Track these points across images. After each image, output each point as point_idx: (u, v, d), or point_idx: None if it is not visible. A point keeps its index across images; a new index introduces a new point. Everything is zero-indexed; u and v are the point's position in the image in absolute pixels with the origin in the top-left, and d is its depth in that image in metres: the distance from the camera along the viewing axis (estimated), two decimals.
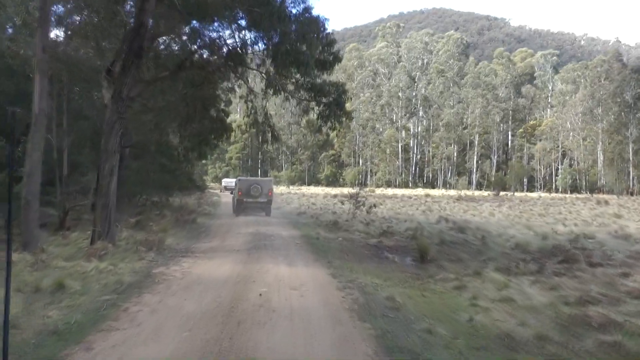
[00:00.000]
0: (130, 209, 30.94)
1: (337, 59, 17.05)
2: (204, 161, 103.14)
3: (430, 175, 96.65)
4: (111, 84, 14.08)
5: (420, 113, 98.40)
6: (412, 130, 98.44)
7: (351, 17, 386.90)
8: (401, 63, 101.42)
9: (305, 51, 15.04)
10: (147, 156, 30.84)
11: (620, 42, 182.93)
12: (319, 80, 16.13)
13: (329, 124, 16.39)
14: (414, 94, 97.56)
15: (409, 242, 16.03)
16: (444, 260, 12.73)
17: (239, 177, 34.19)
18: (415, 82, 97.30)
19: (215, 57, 15.72)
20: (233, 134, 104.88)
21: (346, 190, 35.27)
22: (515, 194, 65.85)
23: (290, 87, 16.62)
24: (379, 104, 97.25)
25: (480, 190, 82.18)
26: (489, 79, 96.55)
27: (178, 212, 29.71)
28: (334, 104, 15.87)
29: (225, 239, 16.57)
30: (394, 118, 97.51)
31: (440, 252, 13.63)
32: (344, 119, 17.15)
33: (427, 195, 51.14)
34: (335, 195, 47.11)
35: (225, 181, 71.95)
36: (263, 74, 16.34)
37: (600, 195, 57.53)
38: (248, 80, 19.00)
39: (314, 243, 15.44)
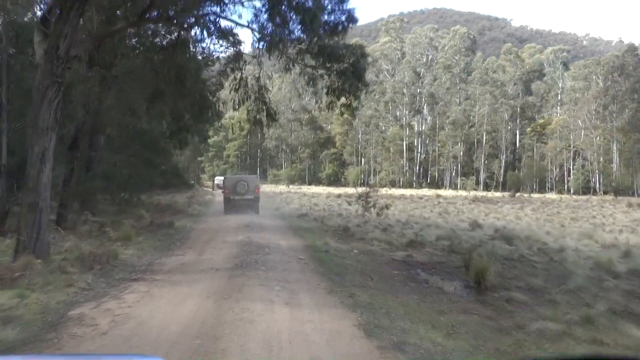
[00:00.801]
0: (102, 208, 27.25)
1: (352, 19, 12.98)
2: (200, 158, 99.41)
3: (437, 175, 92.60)
4: (45, 36, 10.17)
5: (426, 110, 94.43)
6: (416, 128, 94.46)
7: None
8: (405, 59, 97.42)
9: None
10: (127, 148, 27.07)
11: (623, 42, 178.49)
12: (330, 42, 11.97)
13: (342, 99, 12.34)
14: (418, 90, 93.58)
15: (447, 257, 12.13)
16: (510, 287, 8.81)
17: (225, 175, 34.14)
18: (420, 77, 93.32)
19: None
20: (231, 130, 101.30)
21: (350, 190, 31.73)
22: (531, 195, 61.85)
23: (293, 52, 12.58)
24: (383, 100, 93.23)
25: (489, 190, 78.29)
26: (497, 76, 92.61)
27: (161, 212, 25.87)
28: (350, 72, 11.81)
29: (205, 250, 12.54)
30: (399, 115, 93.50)
31: (500, 275, 9.69)
32: (363, 92, 13.06)
33: (438, 196, 47.20)
34: (339, 195, 43.19)
35: (218, 179, 68.62)
36: (255, 32, 12.33)
37: (624, 197, 53.56)
38: (237, 40, 14.89)
39: (322, 259, 11.36)
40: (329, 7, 12.12)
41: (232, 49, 14.58)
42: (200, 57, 16.37)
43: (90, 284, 8.30)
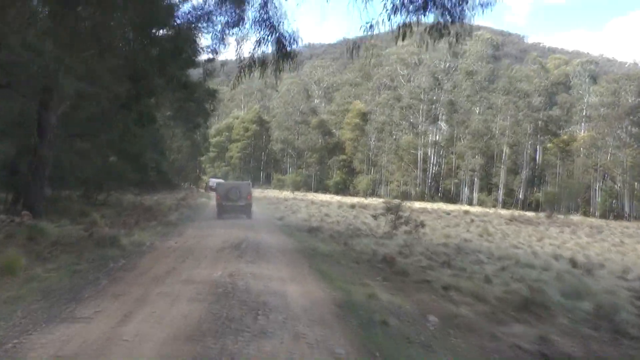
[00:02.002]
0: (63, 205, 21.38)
1: None
2: (201, 158, 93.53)
3: (453, 189, 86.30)
4: None
5: (444, 118, 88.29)
6: (430, 138, 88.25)
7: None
8: (423, 63, 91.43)
9: None
10: (96, 135, 21.19)
11: (637, 64, 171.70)
12: None
13: None
14: (435, 98, 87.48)
15: (614, 345, 6.09)
16: None
17: (217, 182, 35.06)
18: (439, 83, 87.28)
19: None
20: (235, 131, 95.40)
21: (365, 201, 26.12)
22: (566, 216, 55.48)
23: None
24: (398, 106, 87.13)
25: (508, 208, 72.05)
26: (522, 85, 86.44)
27: (134, 215, 19.90)
28: None
29: (134, 312, 6.15)
30: (414, 123, 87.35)
31: None
32: None
33: (466, 212, 41.04)
34: (352, 206, 37.18)
35: (213, 181, 64.79)
36: None
37: None
38: None
39: (387, 351, 5.23)
40: None
41: None
42: None
43: None
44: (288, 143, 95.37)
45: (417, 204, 53.81)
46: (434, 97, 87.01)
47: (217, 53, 19.27)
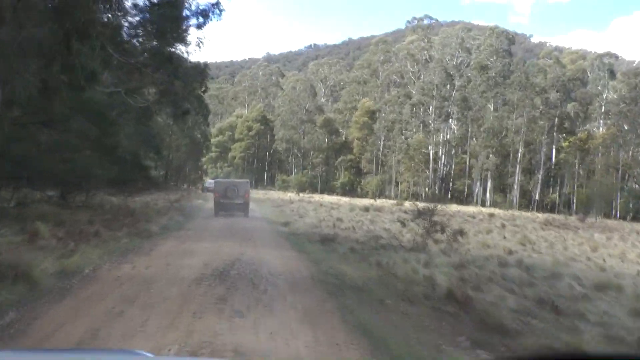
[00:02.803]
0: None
1: None
2: (203, 159, 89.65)
3: (465, 190, 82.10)
4: None
5: (456, 116, 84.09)
6: (441, 136, 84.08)
7: (373, 26, 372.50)
8: (436, 57, 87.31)
9: None
10: (66, 120, 17.16)
11: None
12: None
13: None
14: (447, 94, 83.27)
15: None
16: None
17: (216, 179, 35.73)
18: (452, 78, 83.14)
19: None
20: (238, 131, 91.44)
21: (367, 201, 22.17)
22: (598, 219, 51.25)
23: None
24: (409, 103, 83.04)
25: (528, 210, 67.89)
26: (538, 80, 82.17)
27: (104, 222, 15.90)
28: None
29: None
30: (427, 121, 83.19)
31: None
32: None
33: (492, 216, 36.87)
34: (366, 209, 33.13)
35: (209, 182, 59.92)
36: None
37: None
38: None
39: None
40: None
41: None
42: None
43: None
44: (293, 143, 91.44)
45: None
46: (446, 94, 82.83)
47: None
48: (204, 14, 15.35)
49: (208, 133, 75.70)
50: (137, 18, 14.85)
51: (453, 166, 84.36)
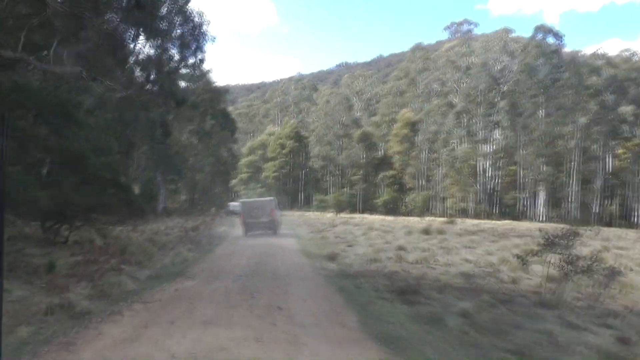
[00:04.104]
0: None
1: None
2: (233, 181, 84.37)
3: (518, 204, 74.81)
4: None
5: (504, 124, 77.18)
6: (489, 146, 77.23)
7: (403, 43, 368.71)
8: (477, 63, 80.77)
9: None
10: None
11: None
12: None
13: None
14: (495, 99, 76.63)
15: None
16: None
17: (241, 201, 34.02)
18: (498, 83, 76.57)
19: None
20: (270, 149, 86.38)
21: (412, 220, 15.97)
22: None
23: None
24: (454, 111, 76.69)
25: (587, 224, 60.37)
26: (592, 80, 74.77)
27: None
28: None
29: None
30: (474, 130, 76.59)
31: None
32: None
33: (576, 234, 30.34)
34: (426, 231, 26.97)
35: (233, 205, 55.88)
36: None
37: None
38: None
39: None
40: None
41: None
42: None
43: None
44: (329, 159, 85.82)
45: (482, 225, 43.29)
46: (493, 99, 76.27)
47: None
48: None
49: (236, 151, 70.88)
50: None
51: (500, 179, 77.49)
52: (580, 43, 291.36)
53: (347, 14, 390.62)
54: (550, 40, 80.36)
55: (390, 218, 59.25)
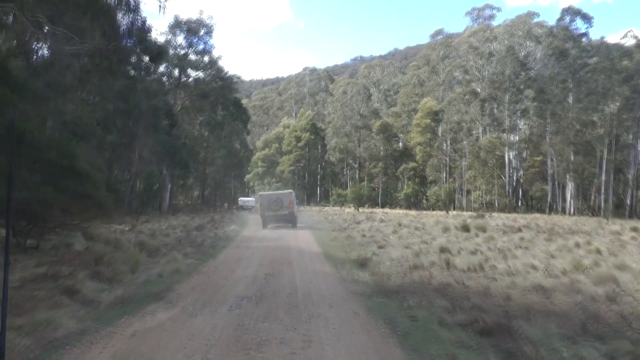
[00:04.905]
0: None
1: None
2: (247, 176, 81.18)
3: (549, 196, 70.59)
4: None
5: (532, 112, 73.00)
6: (517, 136, 73.16)
7: (419, 37, 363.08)
8: (502, 48, 76.59)
9: None
10: None
11: None
12: None
13: None
14: (522, 86, 72.49)
15: None
16: None
17: (260, 193, 34.19)
18: (526, 68, 72.50)
19: None
20: (285, 142, 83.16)
21: (435, 214, 13.60)
22: None
23: None
24: (479, 99, 72.75)
25: (622, 216, 56.25)
26: (624, 65, 70.15)
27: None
28: None
29: None
30: (500, 118, 72.58)
31: None
32: None
33: (635, 229, 26.49)
34: (465, 228, 23.47)
35: (242, 200, 56.40)
36: None
37: None
38: None
39: None
40: None
41: None
42: None
43: None
44: (347, 152, 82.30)
45: (518, 220, 39.58)
46: (520, 85, 72.19)
47: None
48: None
49: (250, 143, 67.60)
50: None
51: (522, 171, 73.48)
52: (598, 32, 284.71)
53: (361, 6, 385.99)
54: (579, 23, 75.87)
55: (413, 212, 55.79)
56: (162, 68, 45.75)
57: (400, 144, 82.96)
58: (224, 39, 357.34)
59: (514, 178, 73.15)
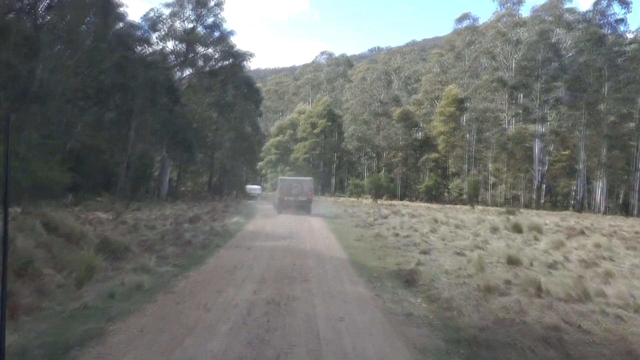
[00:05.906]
0: None
1: None
2: (260, 163, 77.24)
3: (579, 193, 65.88)
4: None
5: (564, 101, 68.24)
6: (544, 127, 68.51)
7: (437, 29, 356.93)
8: (531, 34, 71.78)
9: None
10: None
11: None
12: None
13: None
14: (556, 74, 67.67)
15: None
16: None
17: (280, 177, 35.21)
18: (560, 55, 67.73)
19: None
20: (301, 129, 79.17)
21: (459, 208, 11.71)
22: None
23: None
24: (509, 86, 68.18)
25: None
26: None
27: None
28: None
29: None
30: (531, 107, 67.95)
31: None
32: None
33: None
34: (517, 228, 19.39)
35: (249, 188, 55.49)
36: None
37: None
38: None
39: None
40: None
41: None
42: None
43: None
44: (365, 140, 78.13)
45: (551, 218, 35.33)
46: (553, 73, 67.45)
47: None
48: None
49: (262, 126, 63.61)
50: None
51: (548, 165, 68.83)
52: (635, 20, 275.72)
53: None
54: (616, 8, 70.69)
55: (435, 206, 51.86)
56: (169, 44, 42.18)
57: (421, 133, 78.68)
58: (239, 28, 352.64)
59: (542, 171, 68.68)
